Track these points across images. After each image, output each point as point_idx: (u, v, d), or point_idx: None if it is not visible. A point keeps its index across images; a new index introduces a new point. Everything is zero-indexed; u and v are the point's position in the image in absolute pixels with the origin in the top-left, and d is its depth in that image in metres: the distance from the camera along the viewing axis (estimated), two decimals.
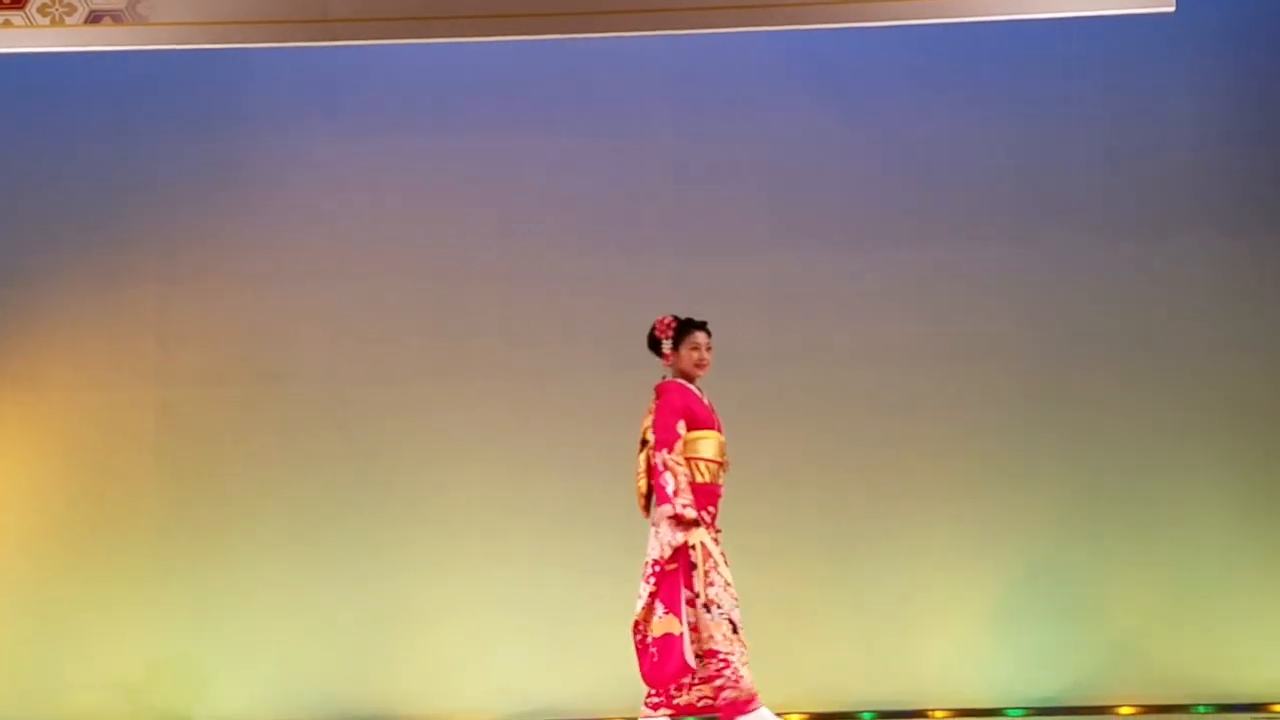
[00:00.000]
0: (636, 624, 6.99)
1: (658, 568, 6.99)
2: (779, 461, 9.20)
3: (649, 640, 6.98)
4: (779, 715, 7.28)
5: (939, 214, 9.32)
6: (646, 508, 7.17)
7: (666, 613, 6.94)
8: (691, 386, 7.38)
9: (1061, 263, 9.26)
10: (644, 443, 7.22)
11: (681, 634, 6.90)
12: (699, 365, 7.34)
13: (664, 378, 7.39)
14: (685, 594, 6.97)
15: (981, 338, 9.25)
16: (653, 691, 7.04)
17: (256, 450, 9.39)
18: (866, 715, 9.00)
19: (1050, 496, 9.12)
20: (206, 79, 9.50)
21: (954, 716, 8.94)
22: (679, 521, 7.00)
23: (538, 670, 9.16)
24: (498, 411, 9.37)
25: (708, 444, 7.25)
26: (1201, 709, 8.85)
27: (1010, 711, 8.95)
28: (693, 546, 6.99)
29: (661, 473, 7.06)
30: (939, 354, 9.26)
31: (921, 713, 9.00)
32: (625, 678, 9.04)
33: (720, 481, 7.29)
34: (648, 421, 7.27)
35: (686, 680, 6.98)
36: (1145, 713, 8.82)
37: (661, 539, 7.00)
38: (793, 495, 9.21)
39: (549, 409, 9.36)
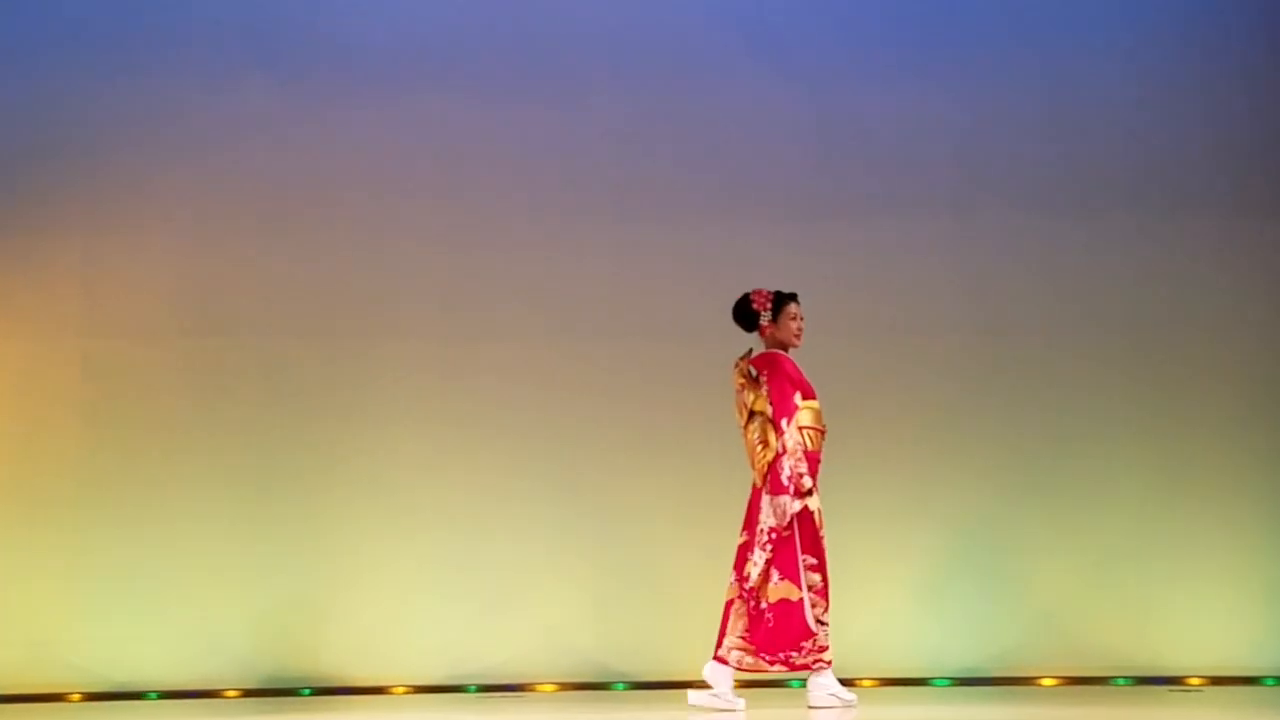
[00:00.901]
0: (751, 590, 7.25)
1: (775, 535, 7.24)
2: (713, 430, 9.21)
3: (763, 605, 7.24)
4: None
5: (882, 190, 9.37)
6: (764, 478, 7.35)
7: (783, 579, 7.22)
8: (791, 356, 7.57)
9: (999, 238, 9.35)
10: (752, 414, 7.38)
11: (801, 599, 7.20)
12: (798, 335, 7.57)
13: (750, 351, 7.55)
14: (803, 560, 7.26)
15: (916, 311, 9.33)
16: (757, 653, 7.29)
17: (183, 406, 9.24)
18: (795, 683, 9.08)
19: (977, 472, 9.23)
20: (138, 29, 9.29)
21: (880, 686, 9.04)
22: (797, 490, 7.27)
23: (467, 635, 9.12)
24: (432, 373, 9.30)
25: (813, 413, 7.50)
26: (1121, 681, 9.04)
27: (935, 681, 9.07)
28: (812, 513, 7.29)
29: (782, 443, 7.30)
30: (871, 327, 9.33)
31: (848, 682, 9.04)
32: (556, 643, 9.10)
33: (821, 449, 7.49)
34: (751, 395, 7.43)
35: (806, 644, 7.26)
36: (1067, 684, 8.98)
37: (779, 507, 7.25)
38: (725, 466, 9.21)
39: (484, 371, 9.31)
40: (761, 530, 7.28)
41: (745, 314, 7.57)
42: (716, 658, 7.43)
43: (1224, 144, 9.34)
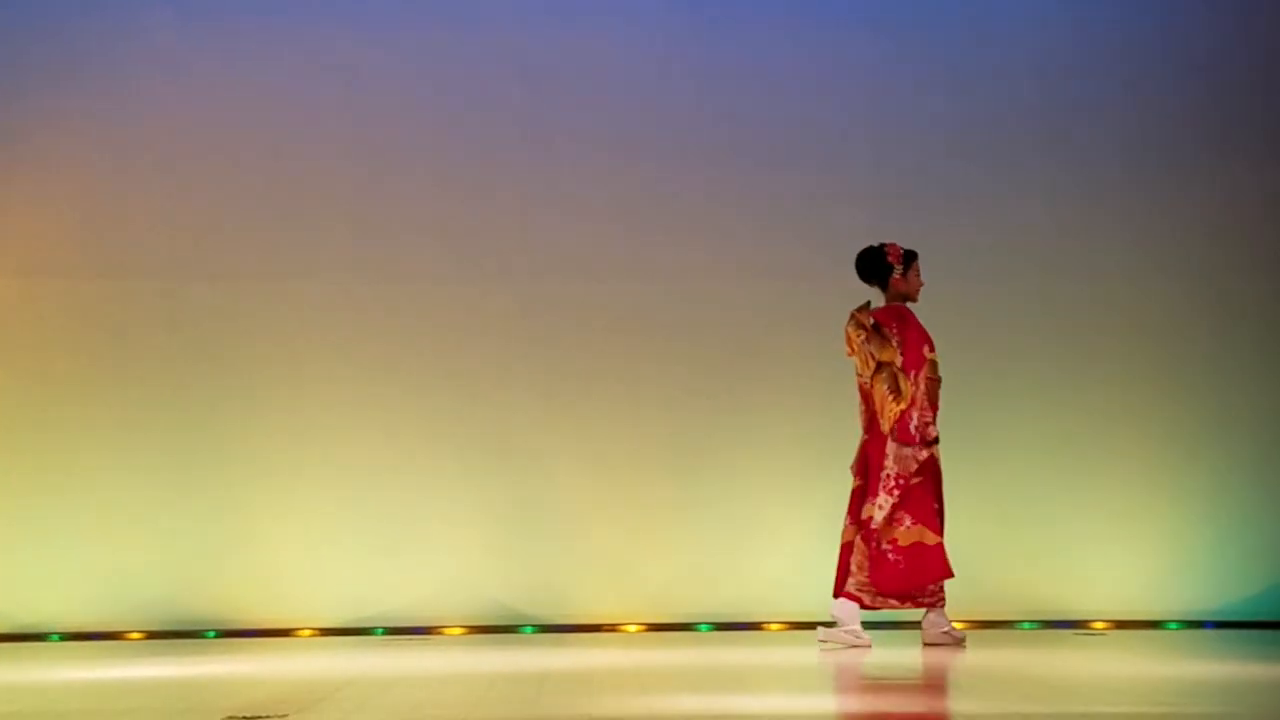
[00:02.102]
0: (873, 531, 7.51)
1: (903, 481, 7.51)
2: (623, 377, 9.22)
3: (885, 547, 7.52)
4: (616, 626, 7.36)
5: (795, 145, 9.32)
6: (892, 426, 7.58)
7: (915, 523, 7.53)
8: None
9: (911, 183, 9.35)
10: (880, 365, 7.60)
11: (938, 543, 7.54)
12: (920, 289, 7.79)
13: (869, 303, 7.73)
14: (935, 506, 7.60)
15: (822, 256, 9.29)
16: (881, 592, 7.58)
17: (88, 347, 9.13)
18: (703, 627, 9.10)
19: None
20: None
21: (788, 629, 9.07)
22: (923, 439, 7.58)
23: (374, 579, 9.08)
24: (339, 315, 9.22)
25: (933, 365, 7.74)
26: (1026, 625, 9.09)
27: None
28: (937, 460, 7.63)
29: (911, 394, 7.55)
30: (778, 273, 9.30)
31: (756, 625, 9.13)
32: (463, 586, 9.08)
33: (939, 397, 7.76)
34: (877, 346, 7.60)
35: (933, 586, 7.62)
36: (974, 628, 9.00)
37: (908, 456, 7.54)
38: (634, 412, 9.23)
39: (391, 314, 9.23)
40: (887, 476, 7.54)
41: (878, 266, 7.74)
42: (845, 594, 7.65)
43: None
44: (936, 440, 7.62)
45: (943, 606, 7.68)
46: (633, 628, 9.05)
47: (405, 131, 9.30)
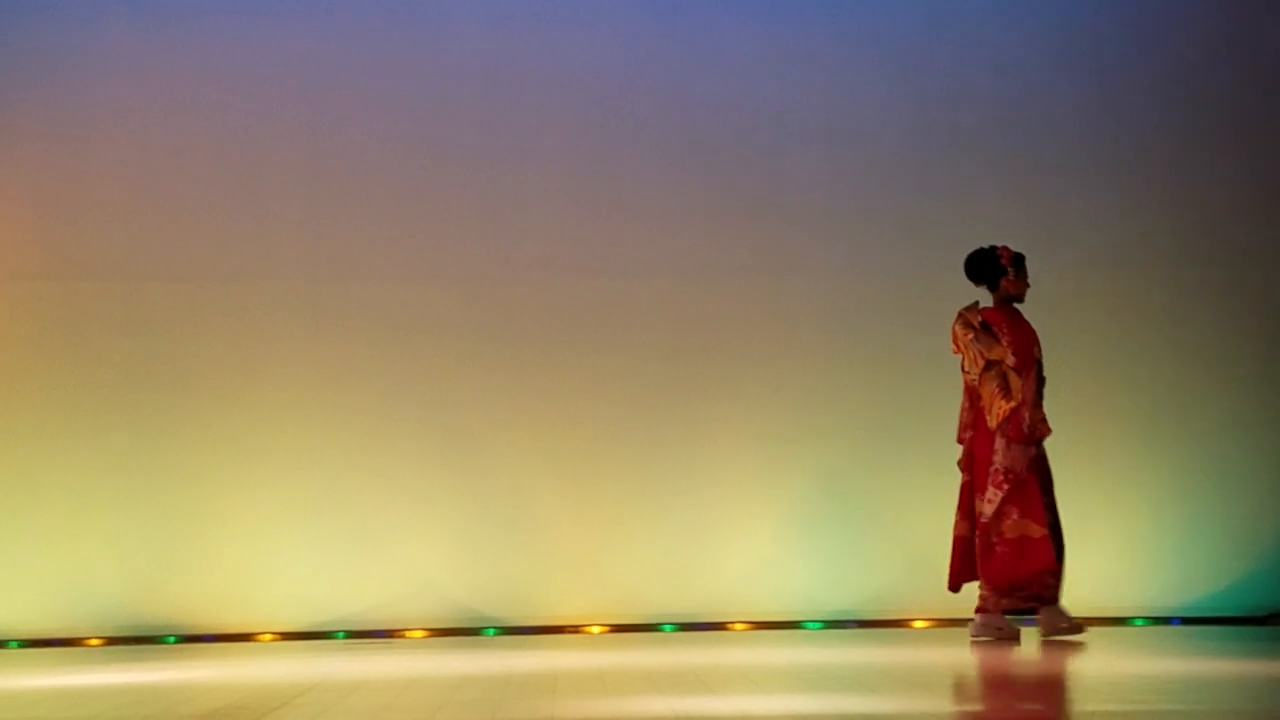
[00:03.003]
0: (984, 525, 7.67)
1: (1013, 477, 7.66)
2: (585, 375, 9.18)
3: (994, 541, 7.68)
4: (580, 628, 7.32)
5: (758, 143, 9.30)
6: (1002, 424, 7.72)
7: (1022, 517, 7.65)
8: None
9: (869, 176, 9.32)
10: (989, 364, 7.74)
11: (1043, 535, 7.64)
12: (1026, 291, 7.92)
13: (977, 303, 7.85)
14: (1043, 500, 7.73)
15: (784, 254, 9.29)
16: (989, 585, 7.71)
17: (42, 350, 9.08)
18: (667, 627, 9.08)
19: (848, 414, 9.23)
20: None
21: (752, 629, 9.05)
22: (1033, 437, 7.75)
23: (335, 582, 9.03)
24: (298, 315, 9.17)
25: (1041, 364, 7.95)
26: None
27: (807, 624, 9.09)
28: (1045, 457, 7.79)
29: (1021, 393, 7.70)
30: (741, 271, 9.28)
31: (720, 625, 9.10)
32: (425, 589, 9.02)
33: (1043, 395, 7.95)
34: (987, 346, 7.73)
35: (1041, 578, 7.69)
36: (938, 626, 9.02)
37: (1019, 452, 7.69)
38: (596, 413, 9.20)
39: (351, 314, 9.18)
40: (996, 470, 7.69)
41: (990, 267, 7.88)
42: (979, 599, 7.79)
43: None
44: (1044, 437, 7.80)
45: (1057, 601, 7.76)
46: (596, 629, 9.02)
47: (365, 131, 9.25)
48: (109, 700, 6.07)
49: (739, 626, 9.08)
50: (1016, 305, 7.92)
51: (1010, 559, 7.67)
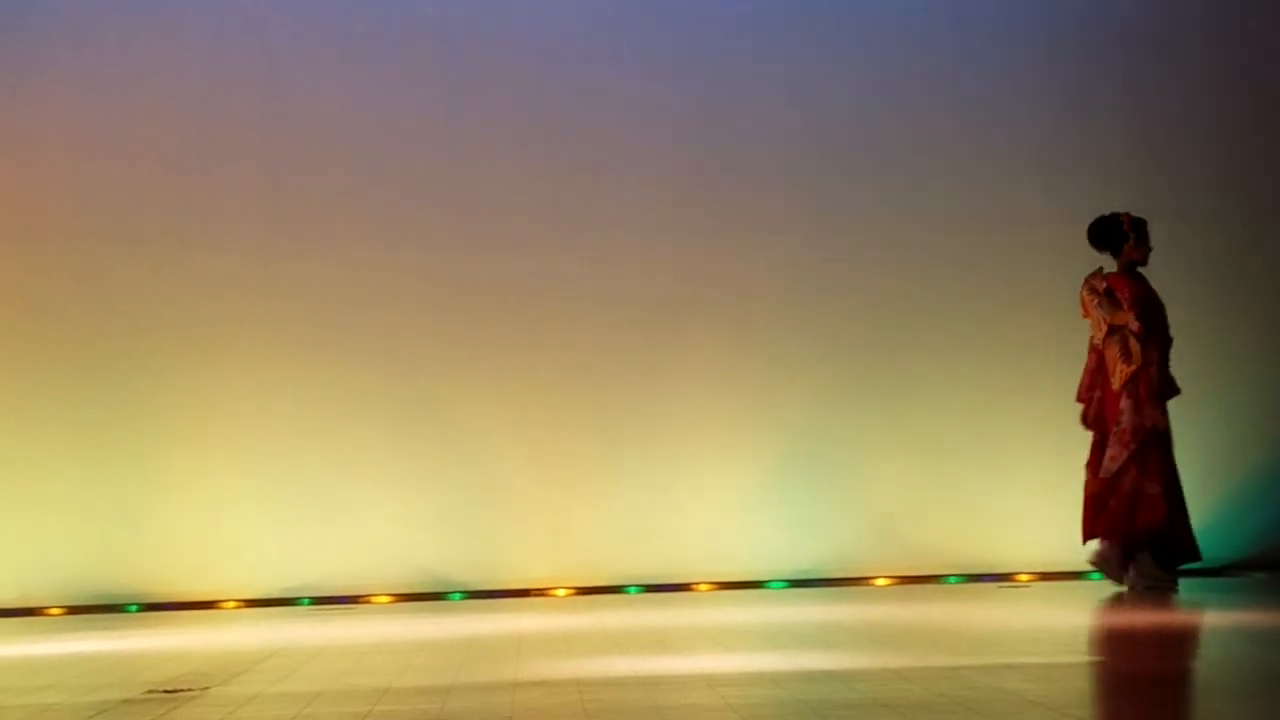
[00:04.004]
0: (1107, 480, 7.91)
1: (1139, 435, 7.89)
2: (547, 344, 9.16)
3: (1109, 496, 7.93)
4: (545, 591, 7.34)
5: (716, 114, 9.27)
6: (1125, 385, 7.93)
7: (1141, 475, 7.88)
8: None
9: (830, 141, 9.31)
10: (1112, 328, 7.93)
11: (1158, 493, 7.87)
12: (1149, 254, 8.07)
13: (1100, 268, 8.03)
14: (1161, 457, 7.92)
15: (750, 215, 9.28)
16: (1110, 534, 7.93)
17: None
18: (632, 589, 9.09)
19: (812, 376, 9.23)
20: None
21: (717, 589, 9.07)
22: (1162, 394, 7.95)
23: (299, 548, 8.99)
24: (257, 282, 9.07)
25: (1167, 325, 8.13)
26: (953, 579, 9.13)
27: (771, 584, 9.11)
28: (1167, 417, 7.97)
29: (1145, 355, 7.91)
30: (708, 229, 9.25)
31: (685, 585, 9.12)
32: (390, 554, 9.02)
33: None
34: (1110, 311, 7.91)
35: (1150, 530, 7.88)
36: (900, 583, 9.06)
37: (1144, 413, 7.90)
38: (560, 378, 9.18)
39: (312, 281, 9.11)
40: (1123, 429, 7.91)
41: (1113, 233, 8.05)
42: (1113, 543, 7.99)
43: None
44: (1167, 398, 7.98)
45: (1151, 555, 7.90)
46: (562, 592, 9.02)
47: (322, 100, 9.16)
48: (69, 669, 6.06)
49: (704, 587, 9.09)
50: (1140, 269, 8.07)
51: (1123, 513, 7.89)
